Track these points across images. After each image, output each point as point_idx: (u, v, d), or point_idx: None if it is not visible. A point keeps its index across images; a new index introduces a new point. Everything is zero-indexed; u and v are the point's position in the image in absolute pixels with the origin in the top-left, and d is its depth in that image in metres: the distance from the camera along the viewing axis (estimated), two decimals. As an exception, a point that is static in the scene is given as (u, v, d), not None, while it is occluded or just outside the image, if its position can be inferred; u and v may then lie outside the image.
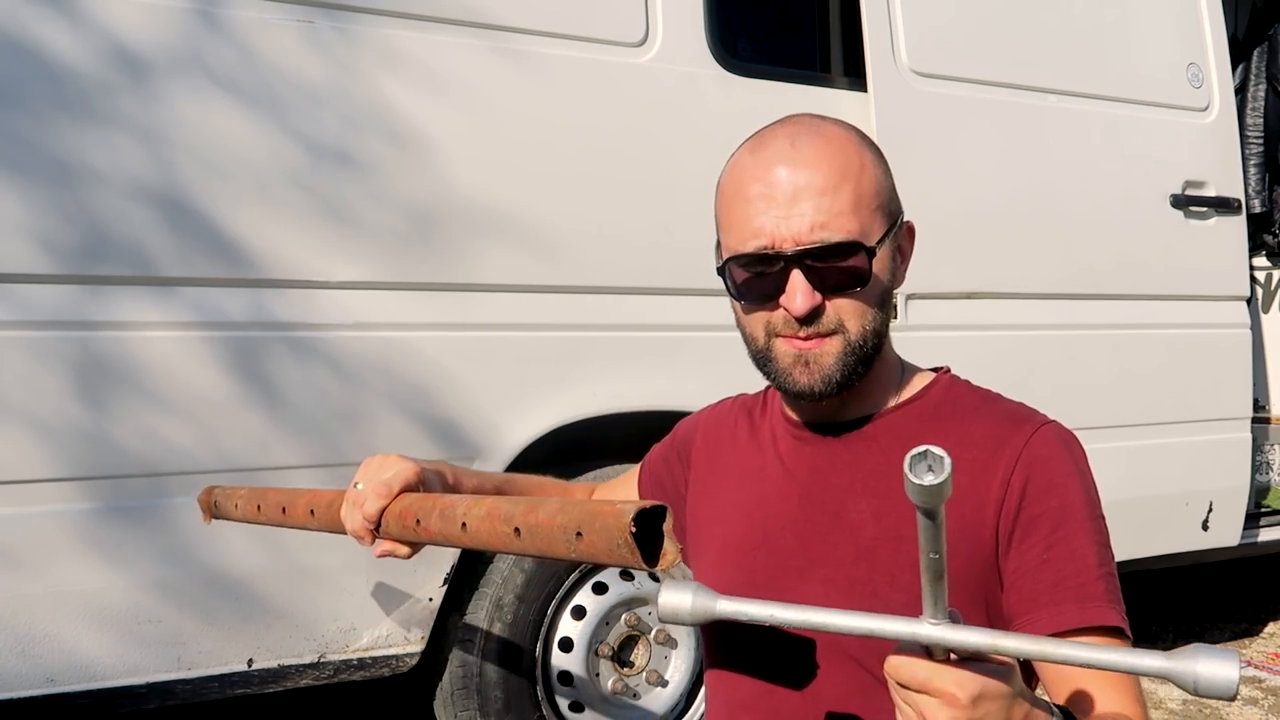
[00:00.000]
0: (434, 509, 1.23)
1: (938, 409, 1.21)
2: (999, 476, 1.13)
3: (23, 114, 1.96)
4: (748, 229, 1.14)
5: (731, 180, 1.18)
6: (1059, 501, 1.13)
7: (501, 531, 1.14)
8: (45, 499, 1.98)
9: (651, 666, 2.58)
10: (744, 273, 1.16)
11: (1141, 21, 3.26)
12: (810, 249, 1.11)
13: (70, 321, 1.99)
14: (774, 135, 1.17)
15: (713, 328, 2.53)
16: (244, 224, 2.12)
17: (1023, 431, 1.15)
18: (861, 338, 1.15)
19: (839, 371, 1.15)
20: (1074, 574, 1.11)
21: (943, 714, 0.84)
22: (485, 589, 2.41)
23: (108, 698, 2.04)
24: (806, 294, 1.12)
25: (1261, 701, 3.41)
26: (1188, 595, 4.53)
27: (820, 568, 1.17)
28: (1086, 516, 1.14)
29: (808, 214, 1.11)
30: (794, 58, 3.15)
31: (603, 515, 1.01)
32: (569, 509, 1.07)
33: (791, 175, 1.12)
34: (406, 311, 2.26)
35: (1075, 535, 1.12)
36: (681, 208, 2.51)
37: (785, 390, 1.20)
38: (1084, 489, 1.15)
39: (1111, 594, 1.12)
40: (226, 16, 2.12)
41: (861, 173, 1.14)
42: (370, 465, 1.34)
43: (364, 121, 2.22)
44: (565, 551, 1.06)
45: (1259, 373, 3.92)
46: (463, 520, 1.18)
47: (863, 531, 1.16)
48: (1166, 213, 3.25)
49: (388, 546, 1.33)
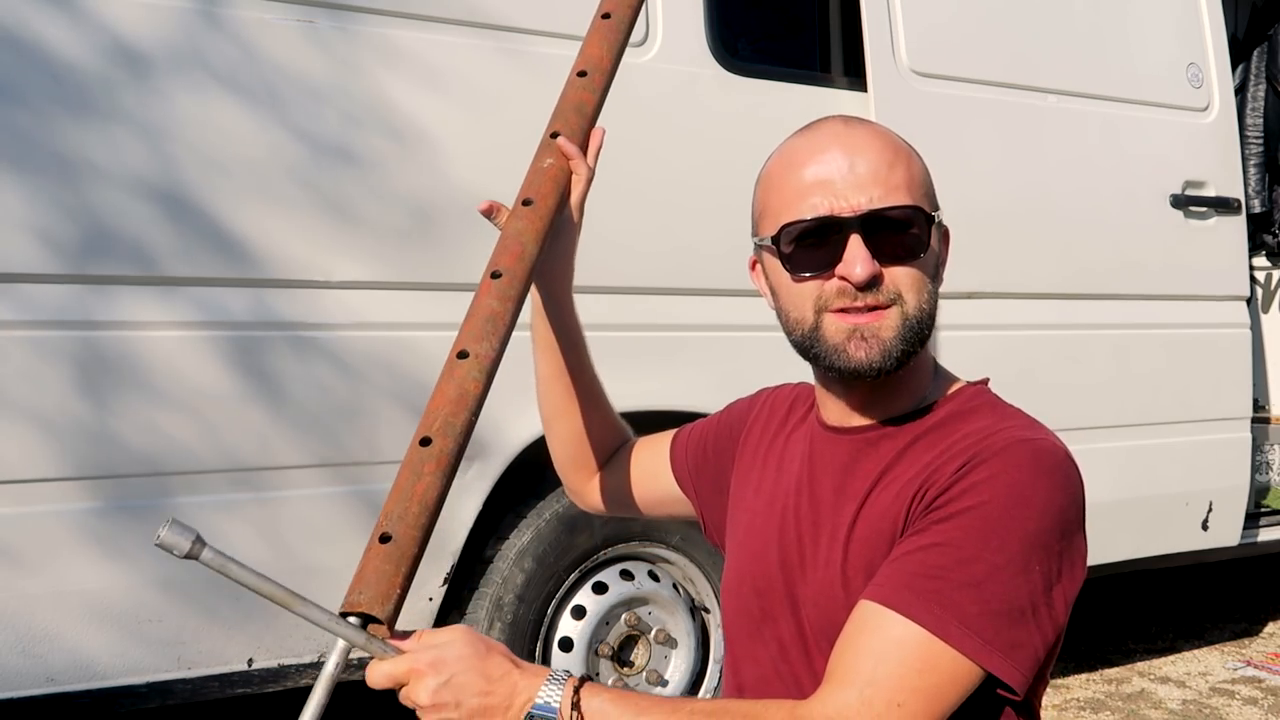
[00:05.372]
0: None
1: (944, 423, 1.14)
2: (944, 474, 1.06)
3: (26, 113, 1.96)
4: (804, 201, 1.10)
5: (781, 161, 1.16)
6: (977, 502, 1.02)
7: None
8: (47, 498, 1.98)
9: (651, 666, 2.58)
10: (797, 243, 1.11)
11: (1141, 21, 3.26)
12: (870, 213, 1.08)
13: (73, 321, 2.00)
14: (823, 122, 1.17)
15: (713, 327, 2.54)
16: (246, 223, 2.12)
17: (995, 437, 1.07)
18: (919, 312, 1.10)
19: (898, 344, 1.09)
20: (933, 564, 1.01)
21: (422, 690, 0.98)
22: (485, 589, 2.41)
23: (108, 697, 2.04)
24: (866, 260, 1.07)
25: (1261, 701, 3.41)
26: (1188, 595, 4.53)
27: (809, 569, 1.17)
28: (1004, 531, 1.01)
29: (866, 184, 1.09)
30: (794, 58, 3.15)
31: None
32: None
33: (847, 150, 1.11)
34: (408, 310, 2.26)
35: (969, 540, 1.01)
36: (682, 207, 2.51)
37: (837, 369, 1.11)
38: (1022, 508, 1.02)
39: (956, 605, 0.99)
40: (228, 16, 2.12)
41: (911, 158, 1.14)
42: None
43: (365, 120, 2.22)
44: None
45: (1259, 373, 3.92)
46: None
47: (839, 533, 1.14)
48: (1166, 213, 3.24)
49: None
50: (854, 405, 1.18)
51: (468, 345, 1.18)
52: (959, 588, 1.00)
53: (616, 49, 1.38)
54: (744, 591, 1.23)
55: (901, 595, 1.01)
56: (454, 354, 1.17)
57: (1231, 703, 3.39)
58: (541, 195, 1.27)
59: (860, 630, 1.02)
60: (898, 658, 1.00)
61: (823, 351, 1.12)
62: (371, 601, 1.00)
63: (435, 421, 1.11)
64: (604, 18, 1.39)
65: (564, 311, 1.40)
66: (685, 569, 2.65)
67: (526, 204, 1.26)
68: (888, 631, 1.01)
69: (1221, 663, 3.77)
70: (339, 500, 2.21)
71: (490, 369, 1.16)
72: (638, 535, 2.56)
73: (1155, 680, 3.58)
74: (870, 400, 1.16)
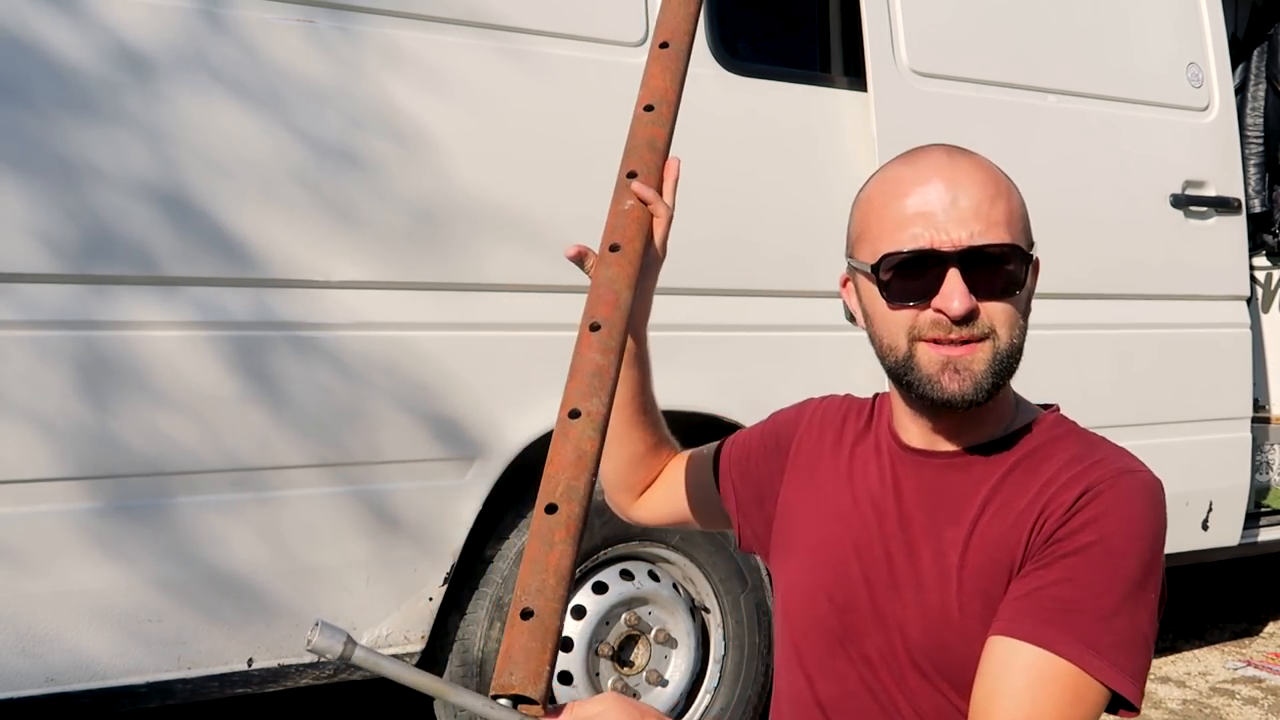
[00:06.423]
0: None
1: (1036, 450, 1.18)
2: (1059, 506, 1.11)
3: (27, 114, 1.96)
4: (905, 231, 1.14)
5: (883, 187, 1.19)
6: (1099, 537, 1.08)
7: None
8: (48, 498, 1.98)
9: (651, 666, 2.59)
10: (896, 273, 1.14)
11: (1141, 21, 3.26)
12: (971, 249, 1.12)
13: (74, 321, 2.00)
14: (927, 151, 1.19)
15: (714, 327, 2.54)
16: (247, 223, 2.12)
17: (1100, 469, 1.12)
18: (1010, 347, 1.15)
19: (989, 378, 1.13)
20: (1068, 599, 1.07)
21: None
22: (485, 589, 2.41)
23: (108, 697, 2.04)
24: (964, 295, 1.11)
25: (1261, 701, 3.41)
26: (1188, 595, 4.53)
27: (905, 589, 1.18)
28: (1126, 564, 1.08)
29: (968, 219, 1.12)
30: (794, 58, 3.15)
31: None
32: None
33: (951, 183, 1.14)
34: (409, 311, 2.26)
35: (1098, 575, 1.07)
36: (682, 207, 2.51)
37: (929, 398, 1.15)
38: (1138, 542, 1.09)
39: (1093, 638, 1.05)
40: (229, 16, 2.12)
41: (1011, 192, 1.18)
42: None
43: (366, 121, 2.22)
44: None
45: (1259, 373, 3.92)
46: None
47: (947, 557, 1.16)
48: (1166, 212, 3.25)
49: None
50: (940, 431, 1.21)
51: (578, 404, 1.14)
52: (1094, 621, 1.06)
53: (679, 78, 1.36)
54: (819, 604, 1.24)
55: (1042, 631, 1.06)
56: (564, 414, 1.14)
57: (1231, 703, 3.39)
58: (627, 239, 1.28)
59: (1007, 669, 1.07)
60: (1051, 694, 1.05)
61: (915, 380, 1.15)
62: (524, 682, 0.97)
63: (558, 487, 1.09)
64: (662, 46, 1.36)
65: (640, 347, 1.44)
66: (685, 569, 2.65)
67: (614, 249, 1.26)
68: (1037, 669, 1.05)
69: (1221, 663, 3.77)
70: (339, 500, 2.21)
71: (603, 425, 1.14)
72: (638, 535, 2.56)
73: (1155, 680, 3.58)
74: (957, 428, 1.20)
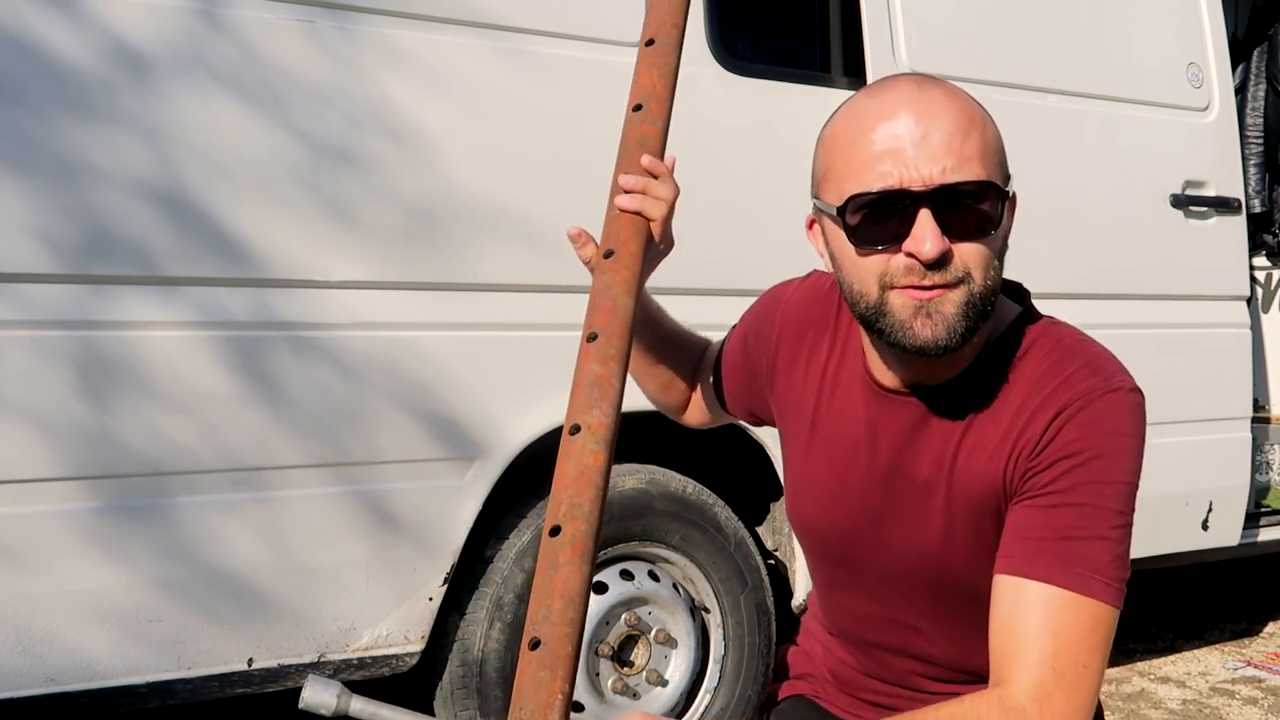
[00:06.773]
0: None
1: (1008, 373, 1.16)
2: (1030, 437, 1.11)
3: (26, 113, 1.96)
4: (872, 169, 1.06)
5: (848, 122, 1.11)
6: (1081, 459, 1.09)
7: None
8: (47, 498, 1.98)
9: (651, 666, 2.58)
10: (863, 215, 1.07)
11: (1141, 21, 3.26)
12: (943, 187, 1.04)
13: (73, 321, 2.00)
14: (895, 81, 1.12)
15: (714, 328, 2.53)
16: (246, 223, 2.12)
17: (1073, 387, 1.11)
18: (984, 290, 1.08)
19: (962, 322, 1.07)
20: (1069, 528, 1.08)
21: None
22: (485, 589, 2.41)
23: (108, 697, 2.04)
24: (936, 237, 1.04)
25: (1261, 701, 3.41)
26: (1188, 595, 4.53)
27: (896, 521, 1.21)
28: (1111, 480, 1.09)
29: (938, 153, 1.05)
30: (794, 58, 3.15)
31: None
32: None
33: (920, 116, 1.06)
34: (408, 311, 2.26)
35: (1086, 492, 1.09)
36: (681, 207, 2.51)
37: (902, 345, 1.10)
38: (1120, 457, 1.10)
39: (1091, 559, 1.08)
40: (228, 16, 2.12)
41: (986, 123, 1.10)
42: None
43: (366, 121, 2.22)
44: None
45: (1259, 373, 3.92)
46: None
47: (931, 498, 1.18)
48: (1166, 212, 3.25)
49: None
50: (914, 373, 1.18)
51: (577, 418, 1.10)
52: (1089, 542, 1.08)
53: (668, 72, 1.32)
54: (823, 528, 1.29)
55: (1041, 564, 1.08)
56: (566, 430, 1.10)
57: (1231, 703, 3.39)
58: (621, 242, 1.24)
59: (1018, 608, 1.08)
60: (1067, 625, 1.07)
61: (886, 327, 1.10)
62: (534, 714, 0.94)
63: (560, 506, 1.05)
64: (648, 44, 1.33)
65: (647, 310, 1.45)
66: (685, 569, 2.65)
67: (608, 255, 1.23)
68: (1047, 604, 1.07)
69: (1221, 663, 3.77)
70: (339, 500, 2.21)
71: (608, 437, 1.09)
72: (638, 535, 2.56)
73: (1155, 680, 3.58)
74: (931, 369, 1.16)
